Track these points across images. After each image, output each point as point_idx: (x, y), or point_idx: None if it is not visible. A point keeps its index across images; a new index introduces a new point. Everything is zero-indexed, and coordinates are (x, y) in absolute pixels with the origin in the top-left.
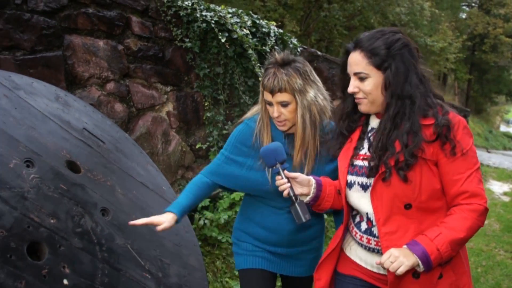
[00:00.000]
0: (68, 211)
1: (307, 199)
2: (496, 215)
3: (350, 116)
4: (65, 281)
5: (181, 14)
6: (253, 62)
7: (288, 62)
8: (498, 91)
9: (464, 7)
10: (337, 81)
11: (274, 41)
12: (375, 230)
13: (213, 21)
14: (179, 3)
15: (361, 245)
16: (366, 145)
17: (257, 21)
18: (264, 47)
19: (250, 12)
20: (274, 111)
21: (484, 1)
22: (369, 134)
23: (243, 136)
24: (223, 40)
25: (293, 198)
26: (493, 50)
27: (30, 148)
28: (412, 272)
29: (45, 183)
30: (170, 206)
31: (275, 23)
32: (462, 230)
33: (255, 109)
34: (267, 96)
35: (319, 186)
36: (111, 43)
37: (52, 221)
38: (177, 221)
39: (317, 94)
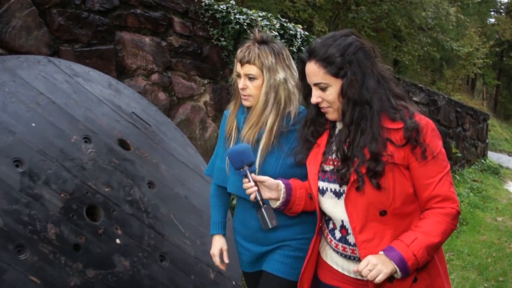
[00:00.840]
0: (120, 182)
1: (277, 204)
2: (511, 213)
3: (315, 121)
4: (118, 241)
5: (217, 16)
6: None
7: (266, 41)
8: None
9: (492, 13)
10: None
11: (300, 42)
12: (350, 238)
13: (245, 24)
14: (215, 6)
15: (337, 252)
16: (334, 148)
17: (285, 24)
18: (291, 48)
19: (279, 15)
20: (240, 82)
21: None
22: (336, 140)
23: (221, 126)
24: None
25: (260, 202)
26: None
27: (88, 127)
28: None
29: (100, 157)
30: (212, 228)
31: (301, 26)
32: (437, 235)
33: (232, 101)
34: (238, 67)
35: (288, 190)
36: (156, 40)
37: (106, 189)
38: (224, 235)
39: (289, 78)
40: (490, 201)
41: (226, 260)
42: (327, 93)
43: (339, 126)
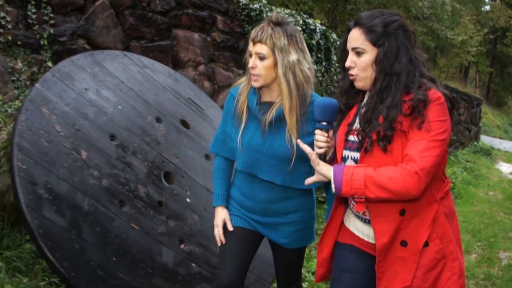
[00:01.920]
0: (185, 154)
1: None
2: (501, 189)
3: (348, 92)
4: (188, 200)
5: (251, 14)
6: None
7: (280, 23)
8: None
9: (487, 0)
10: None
11: (319, 36)
12: None
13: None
14: (250, 6)
15: (358, 217)
16: (358, 120)
17: (306, 20)
18: (312, 41)
19: (301, 13)
20: (251, 61)
21: None
22: (362, 110)
23: (228, 104)
24: None
25: (324, 157)
26: None
27: (158, 109)
28: (400, 240)
29: (169, 134)
30: (215, 200)
31: (319, 21)
32: (384, 176)
33: (240, 80)
34: (250, 46)
35: (334, 151)
36: (203, 36)
37: (176, 159)
38: (226, 207)
39: (302, 60)
40: (482, 179)
41: (230, 228)
42: (361, 59)
43: (365, 99)
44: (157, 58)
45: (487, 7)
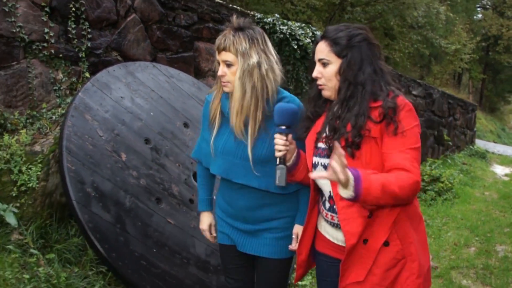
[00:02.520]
0: None
1: (288, 164)
2: (496, 189)
3: (316, 101)
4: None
5: (266, 28)
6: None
7: (242, 27)
8: (511, 90)
9: (478, 9)
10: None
11: None
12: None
13: (287, 33)
14: (265, 19)
15: (327, 222)
16: (327, 128)
17: (315, 32)
18: None
19: (313, 27)
20: (220, 69)
21: (498, 3)
22: (327, 119)
23: (205, 110)
24: (295, 47)
25: (283, 162)
26: (507, 51)
27: (185, 115)
28: (363, 239)
29: (196, 138)
30: (200, 205)
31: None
32: (395, 185)
33: (215, 86)
34: (217, 55)
35: (298, 156)
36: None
37: None
38: (211, 211)
39: (263, 62)
40: (478, 180)
41: (214, 233)
42: (327, 70)
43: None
44: (181, 68)
45: (480, 15)
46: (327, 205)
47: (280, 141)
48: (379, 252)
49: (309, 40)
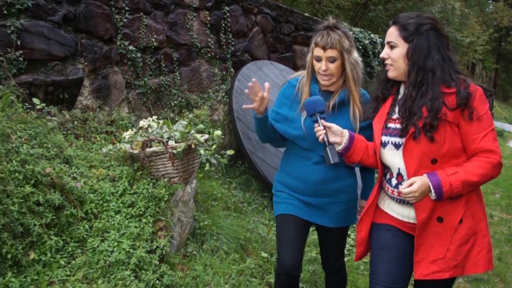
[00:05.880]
0: None
1: (339, 148)
2: None
3: (385, 83)
4: None
5: None
6: (370, 59)
7: (338, 27)
8: None
9: (489, 1)
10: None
11: (379, 46)
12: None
13: (353, 37)
14: None
15: (393, 198)
16: (397, 110)
17: (371, 35)
18: (375, 50)
19: (369, 32)
20: (323, 65)
21: None
22: (400, 101)
23: (287, 91)
24: (359, 47)
25: (326, 142)
26: None
27: None
28: (437, 216)
29: None
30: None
31: (378, 35)
32: (476, 175)
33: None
34: (318, 52)
35: (351, 138)
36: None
37: None
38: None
39: (358, 58)
40: None
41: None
42: (393, 52)
43: (401, 91)
44: (284, 64)
45: (491, 7)
46: (394, 182)
47: (317, 129)
48: (455, 229)
49: (368, 41)
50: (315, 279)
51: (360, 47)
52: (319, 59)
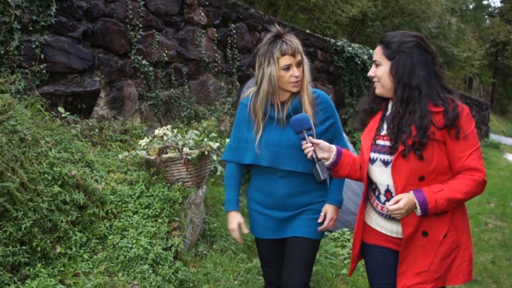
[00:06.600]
0: None
1: (327, 163)
2: (509, 170)
3: (374, 98)
4: None
5: (337, 49)
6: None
7: (285, 31)
8: None
9: (486, 16)
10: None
11: None
12: None
13: (352, 52)
14: (337, 43)
15: (381, 214)
16: (385, 126)
17: (370, 51)
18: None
19: (368, 47)
20: (295, 71)
21: (505, 11)
22: (388, 118)
23: (242, 114)
24: (358, 62)
25: (315, 159)
26: None
27: None
28: (422, 231)
29: None
30: (228, 205)
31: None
32: (461, 192)
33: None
34: (288, 60)
35: (339, 153)
36: (311, 64)
37: None
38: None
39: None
40: (494, 164)
41: (245, 230)
42: (378, 69)
43: (389, 109)
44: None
45: (487, 22)
46: (382, 198)
47: (305, 146)
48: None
49: (367, 57)
50: (318, 279)
51: (359, 62)
52: (288, 68)
